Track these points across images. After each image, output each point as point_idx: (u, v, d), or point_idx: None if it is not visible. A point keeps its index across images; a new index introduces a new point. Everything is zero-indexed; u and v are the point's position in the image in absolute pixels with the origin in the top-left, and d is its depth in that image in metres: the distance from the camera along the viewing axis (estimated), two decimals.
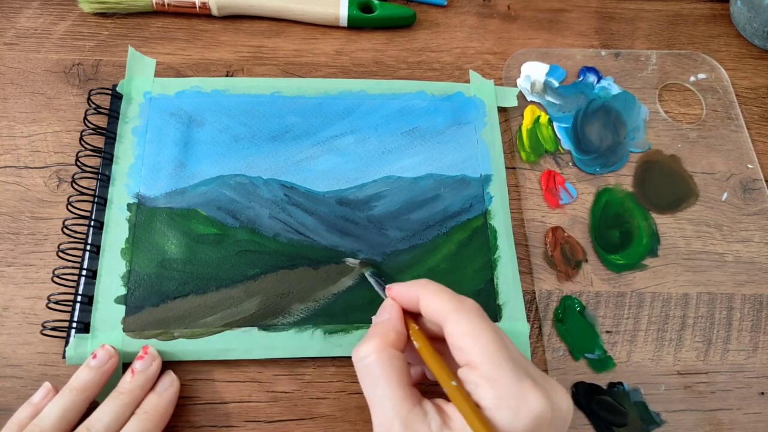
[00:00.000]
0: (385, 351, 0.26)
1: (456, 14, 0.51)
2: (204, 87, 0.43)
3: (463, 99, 0.44)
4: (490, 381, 0.24)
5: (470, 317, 0.26)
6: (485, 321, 0.26)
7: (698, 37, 0.51)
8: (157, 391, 0.33)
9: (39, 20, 0.46)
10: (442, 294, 0.27)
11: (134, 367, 0.33)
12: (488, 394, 0.24)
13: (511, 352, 0.25)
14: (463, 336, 0.25)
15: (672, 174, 0.44)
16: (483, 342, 0.25)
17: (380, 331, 0.27)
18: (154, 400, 0.32)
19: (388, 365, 0.25)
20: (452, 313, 0.26)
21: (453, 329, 0.26)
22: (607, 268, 0.40)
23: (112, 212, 0.38)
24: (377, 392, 0.25)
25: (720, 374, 0.38)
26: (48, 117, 0.42)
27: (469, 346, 0.25)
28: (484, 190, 0.41)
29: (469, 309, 0.27)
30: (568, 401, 0.26)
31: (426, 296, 0.28)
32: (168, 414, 0.32)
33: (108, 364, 0.33)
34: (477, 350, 0.25)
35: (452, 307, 0.26)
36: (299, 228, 0.39)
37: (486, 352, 0.25)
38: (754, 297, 0.40)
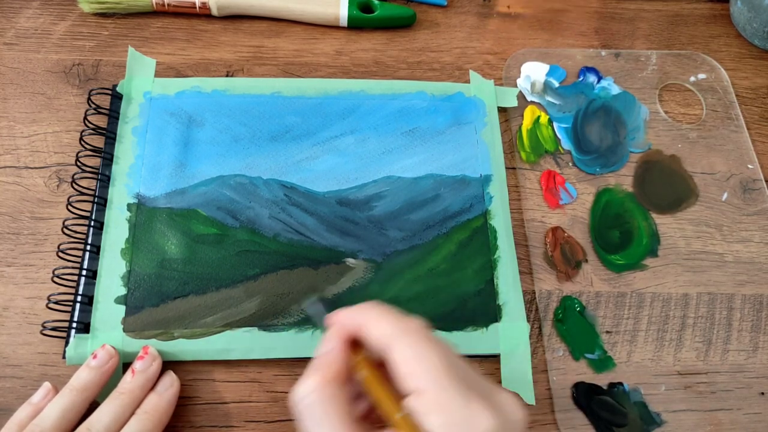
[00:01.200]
0: (326, 388, 0.24)
1: (456, 14, 0.51)
2: (204, 87, 0.43)
3: (463, 99, 0.44)
4: (438, 407, 0.23)
5: (415, 340, 0.25)
6: (431, 342, 0.25)
7: (698, 37, 0.51)
8: (157, 391, 0.33)
9: (39, 20, 0.46)
10: (387, 317, 0.26)
11: (134, 367, 0.33)
12: (437, 421, 0.23)
13: (459, 370, 0.24)
14: (408, 361, 0.24)
15: (672, 174, 0.44)
16: (427, 365, 0.24)
17: (320, 367, 0.25)
18: (155, 400, 0.32)
19: (329, 403, 0.24)
20: (395, 340, 0.25)
21: (398, 355, 0.25)
22: (607, 268, 0.40)
23: (112, 212, 0.38)
24: None
25: (720, 374, 0.38)
26: (48, 117, 0.42)
27: (413, 372, 0.24)
28: (484, 190, 0.41)
29: (414, 331, 0.25)
30: (520, 411, 0.25)
31: (369, 322, 0.26)
32: (168, 414, 0.32)
33: (108, 364, 0.33)
34: (422, 375, 0.24)
35: (397, 331, 0.25)
36: (299, 228, 0.39)
37: (430, 375, 0.24)
38: (754, 297, 0.40)
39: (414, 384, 0.24)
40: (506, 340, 0.37)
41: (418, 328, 0.26)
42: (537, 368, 0.37)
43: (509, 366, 0.36)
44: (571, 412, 0.36)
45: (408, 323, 0.26)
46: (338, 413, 0.24)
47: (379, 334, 0.25)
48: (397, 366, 0.25)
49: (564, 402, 0.36)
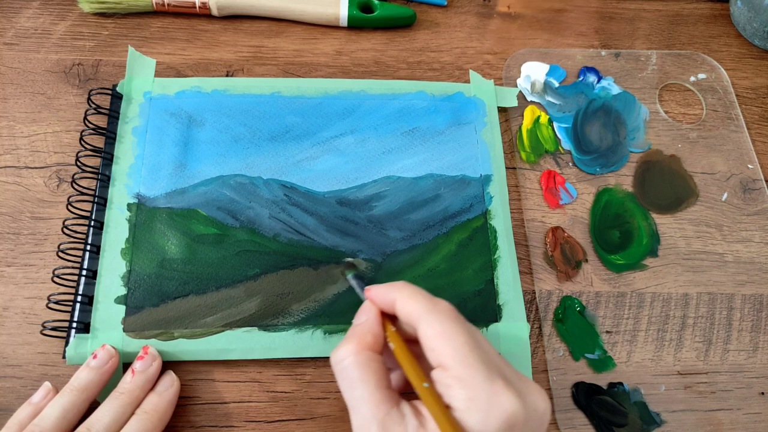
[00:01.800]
0: (362, 353, 0.26)
1: (456, 14, 0.51)
2: (204, 87, 0.43)
3: (463, 99, 0.44)
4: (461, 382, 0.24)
5: (443, 318, 0.26)
6: (458, 322, 0.26)
7: (698, 37, 0.51)
8: (157, 391, 0.33)
9: (39, 20, 0.46)
10: (417, 296, 0.27)
11: (134, 367, 0.33)
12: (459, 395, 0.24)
13: (485, 352, 0.25)
14: (435, 337, 0.26)
15: (672, 174, 0.44)
16: (455, 343, 0.25)
17: (358, 334, 0.27)
18: (155, 400, 0.32)
19: (365, 368, 0.25)
20: (425, 315, 0.26)
21: (426, 331, 0.26)
22: (607, 268, 0.40)
23: (112, 212, 0.38)
24: (355, 395, 0.25)
25: (720, 374, 0.38)
26: (48, 117, 0.42)
27: (440, 348, 0.25)
28: (484, 190, 0.41)
29: (443, 310, 0.27)
30: (545, 402, 0.26)
31: (401, 299, 0.28)
32: (168, 414, 0.32)
33: (108, 364, 0.33)
34: (449, 351, 0.25)
35: (426, 308, 0.27)
36: (299, 228, 0.39)
37: (457, 353, 0.25)
38: (754, 297, 0.40)
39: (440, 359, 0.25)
40: (506, 340, 0.37)
41: (447, 308, 0.27)
42: (537, 368, 0.37)
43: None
44: (571, 412, 0.36)
45: (437, 303, 0.27)
46: (373, 376, 0.25)
47: (410, 310, 0.27)
48: (425, 341, 0.26)
49: (564, 402, 0.36)
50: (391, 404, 0.25)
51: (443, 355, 0.25)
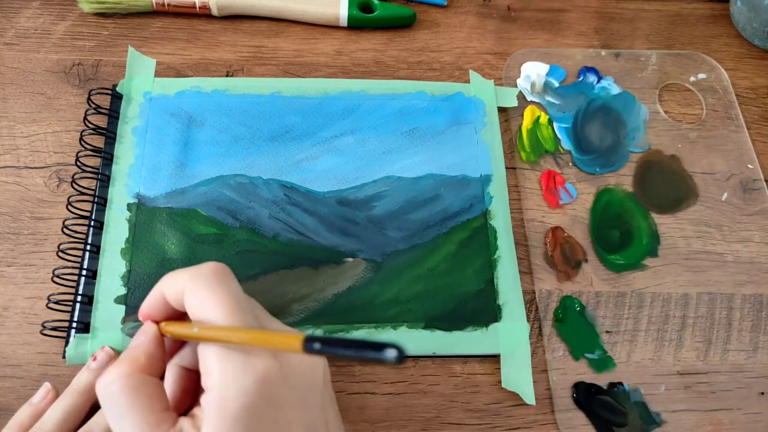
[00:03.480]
0: (132, 376, 0.23)
1: (456, 14, 0.51)
2: (204, 87, 0.43)
3: (463, 99, 0.45)
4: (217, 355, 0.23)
5: (203, 284, 0.24)
6: (219, 285, 0.24)
7: (698, 37, 0.51)
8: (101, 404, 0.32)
9: (39, 20, 0.46)
10: (177, 274, 0.26)
11: None
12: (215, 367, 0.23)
13: (244, 313, 0.24)
14: (197, 307, 0.24)
15: (672, 174, 0.44)
16: (215, 311, 0.23)
17: (128, 356, 0.25)
18: None
19: (136, 392, 0.23)
20: (188, 284, 0.25)
21: (189, 302, 0.24)
22: (607, 268, 0.40)
23: (112, 212, 0.38)
24: (125, 424, 0.23)
25: (720, 374, 0.38)
26: (48, 117, 0.42)
27: (200, 318, 0.24)
28: (484, 190, 0.41)
29: (203, 275, 0.25)
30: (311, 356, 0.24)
31: (165, 287, 0.26)
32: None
33: (108, 365, 0.33)
34: (208, 320, 0.24)
35: (185, 283, 0.25)
36: (299, 228, 0.39)
37: (214, 319, 0.23)
38: (754, 297, 0.40)
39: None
40: (506, 340, 0.37)
41: (208, 273, 0.25)
42: (537, 368, 0.37)
43: (509, 366, 0.36)
44: (571, 412, 0.36)
45: (199, 270, 0.25)
46: (146, 401, 0.23)
47: (174, 291, 0.25)
48: (191, 314, 0.24)
49: (564, 402, 0.36)
50: (167, 426, 0.23)
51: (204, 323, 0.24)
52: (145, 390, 0.24)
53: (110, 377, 0.24)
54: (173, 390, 0.27)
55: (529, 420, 0.36)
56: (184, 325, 0.25)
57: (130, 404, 0.23)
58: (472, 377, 0.37)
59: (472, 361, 0.37)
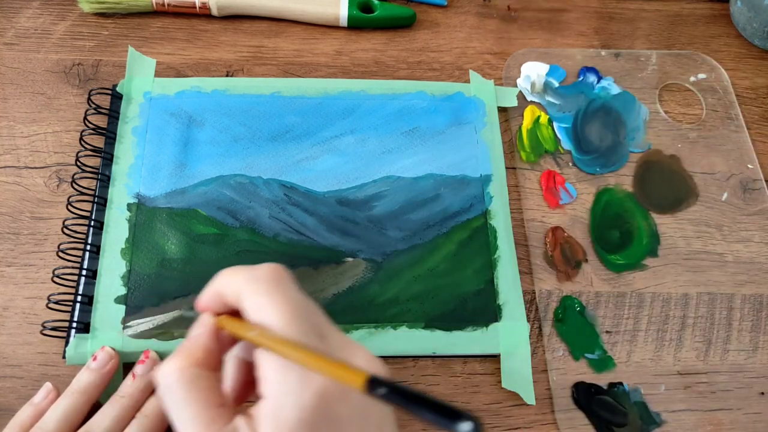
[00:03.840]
0: (188, 370, 0.23)
1: (456, 14, 0.51)
2: (204, 87, 0.43)
3: (463, 99, 0.44)
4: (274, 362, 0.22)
5: (260, 289, 0.24)
6: (278, 289, 0.24)
7: (698, 37, 0.51)
8: (158, 395, 0.33)
9: (39, 20, 0.46)
10: (234, 273, 0.25)
11: (135, 371, 0.33)
12: (272, 378, 0.22)
13: (306, 321, 0.23)
14: (254, 312, 0.23)
15: (672, 174, 0.44)
16: (272, 318, 0.23)
17: (185, 349, 0.24)
18: (155, 403, 0.32)
19: (191, 386, 0.23)
20: (243, 291, 0.24)
21: (246, 305, 0.24)
22: (607, 268, 0.40)
23: (112, 212, 0.38)
24: (181, 416, 0.23)
25: (720, 374, 0.38)
26: (48, 117, 0.42)
27: (257, 322, 0.23)
28: (484, 190, 0.41)
29: (260, 278, 0.24)
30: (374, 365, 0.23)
31: (222, 286, 0.25)
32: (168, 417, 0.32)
33: (108, 365, 0.33)
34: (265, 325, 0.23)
35: (243, 283, 0.24)
36: (299, 228, 0.39)
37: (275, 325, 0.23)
38: (754, 297, 0.40)
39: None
40: (506, 339, 0.37)
41: (266, 276, 0.24)
42: (537, 368, 0.37)
43: (509, 366, 0.36)
44: (571, 412, 0.36)
45: (256, 272, 0.24)
46: (201, 394, 0.23)
47: (231, 291, 0.25)
48: (248, 317, 0.24)
49: (564, 402, 0.36)
50: (223, 422, 0.22)
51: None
52: (201, 384, 0.23)
53: (167, 369, 0.23)
54: (233, 382, 0.27)
55: (529, 420, 0.36)
56: (243, 325, 0.24)
57: (185, 398, 0.23)
58: (472, 377, 0.37)
59: (472, 361, 0.37)
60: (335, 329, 0.25)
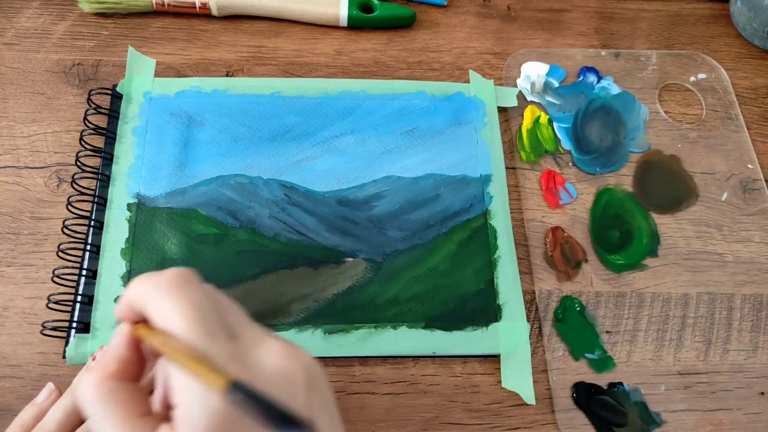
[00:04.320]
0: (104, 383, 0.23)
1: (456, 14, 0.51)
2: (204, 87, 0.43)
3: (463, 99, 0.45)
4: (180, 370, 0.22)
5: (164, 293, 0.23)
6: (180, 292, 0.23)
7: (698, 37, 0.51)
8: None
9: (39, 20, 0.46)
10: (139, 281, 0.24)
11: None
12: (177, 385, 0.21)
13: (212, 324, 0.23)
14: (159, 318, 0.23)
15: (672, 174, 0.44)
16: (175, 323, 0.22)
17: (99, 363, 0.24)
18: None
19: (108, 398, 0.22)
20: (147, 300, 0.23)
21: (150, 311, 0.23)
22: (607, 268, 0.40)
23: (112, 212, 0.38)
24: (102, 430, 0.22)
25: (720, 374, 0.38)
26: (48, 117, 0.42)
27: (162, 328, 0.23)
28: (484, 190, 0.41)
29: (163, 283, 0.23)
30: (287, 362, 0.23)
31: (129, 290, 0.24)
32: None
33: None
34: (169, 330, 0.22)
35: (147, 291, 0.23)
36: (299, 228, 0.39)
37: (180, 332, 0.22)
38: (754, 297, 0.40)
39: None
40: (506, 339, 0.37)
41: (169, 281, 0.23)
42: (537, 368, 0.37)
43: (509, 366, 0.36)
44: (571, 412, 0.36)
45: (159, 278, 0.24)
46: (119, 407, 0.22)
47: (138, 298, 0.24)
48: (154, 323, 0.23)
49: (564, 402, 0.36)
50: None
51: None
52: (119, 396, 0.23)
53: (84, 385, 0.23)
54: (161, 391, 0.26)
55: (529, 420, 0.36)
56: (152, 332, 0.23)
57: (104, 412, 0.22)
58: (472, 377, 0.37)
59: (472, 361, 0.37)
60: (252, 326, 0.24)
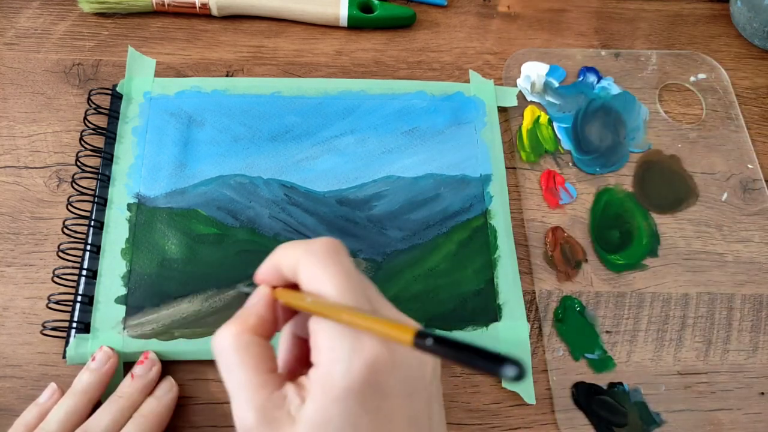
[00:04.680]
0: (242, 335, 0.24)
1: (456, 14, 0.51)
2: (204, 87, 0.43)
3: (463, 99, 0.45)
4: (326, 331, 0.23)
5: (317, 260, 0.24)
6: (333, 261, 0.24)
7: (698, 37, 0.51)
8: (155, 395, 0.33)
9: (39, 20, 0.46)
10: (292, 247, 0.25)
11: (134, 371, 0.33)
12: (324, 344, 0.22)
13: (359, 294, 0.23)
14: (310, 282, 0.24)
15: (672, 174, 0.44)
16: (327, 288, 0.23)
17: (240, 316, 0.25)
18: (153, 404, 0.32)
19: (244, 351, 0.24)
20: (301, 260, 0.24)
21: (302, 276, 0.24)
22: (607, 268, 0.40)
23: (112, 212, 0.38)
24: (233, 380, 0.23)
25: (720, 374, 0.38)
26: (48, 117, 0.42)
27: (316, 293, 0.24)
28: (484, 189, 0.41)
29: (316, 251, 0.24)
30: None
31: (279, 259, 0.26)
32: (166, 419, 0.32)
33: (107, 365, 0.33)
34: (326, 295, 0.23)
35: (299, 256, 0.24)
36: (299, 228, 0.39)
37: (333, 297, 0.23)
38: (754, 297, 0.40)
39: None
40: (506, 340, 0.37)
41: (321, 249, 0.25)
42: (537, 368, 0.37)
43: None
44: (571, 412, 0.36)
45: (312, 245, 0.25)
46: (252, 360, 0.23)
47: (288, 264, 0.25)
48: (304, 287, 0.24)
49: (564, 402, 0.36)
50: (273, 388, 0.23)
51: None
52: (253, 350, 0.24)
53: (221, 334, 0.24)
54: (286, 356, 0.27)
55: (529, 420, 0.36)
56: (298, 295, 0.25)
57: (238, 362, 0.23)
58: (472, 377, 0.37)
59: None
60: (386, 302, 0.25)
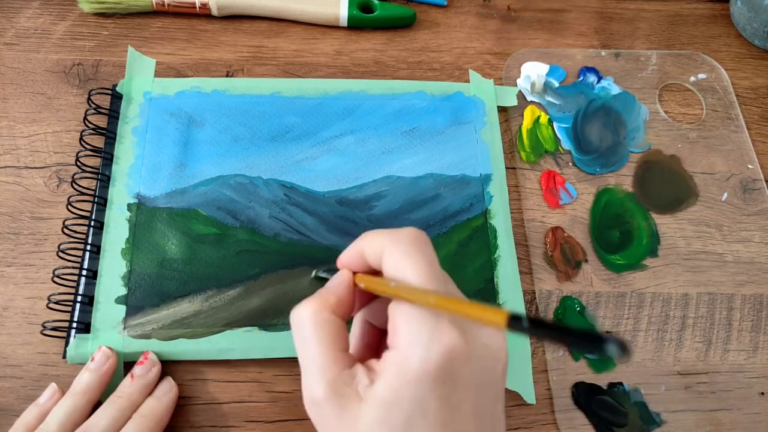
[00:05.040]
0: (320, 313, 0.25)
1: (456, 14, 0.51)
2: (204, 87, 0.43)
3: (463, 99, 0.45)
4: (406, 315, 0.23)
5: (401, 249, 0.25)
6: (419, 251, 0.25)
7: (698, 37, 0.51)
8: (155, 395, 0.33)
9: (39, 20, 0.46)
10: (378, 234, 0.26)
11: (134, 372, 0.33)
12: (403, 329, 0.23)
13: (441, 284, 0.24)
14: (394, 269, 0.24)
15: (672, 174, 0.44)
16: (411, 276, 0.24)
17: (320, 294, 0.26)
18: (152, 404, 0.32)
19: (321, 327, 0.25)
20: (387, 248, 0.25)
21: (387, 263, 0.25)
22: (607, 268, 0.40)
23: (112, 212, 0.38)
24: (307, 354, 0.24)
25: (720, 374, 0.38)
26: (48, 117, 0.42)
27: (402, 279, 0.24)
28: (484, 189, 0.41)
29: (403, 240, 0.25)
30: (498, 340, 0.25)
31: (365, 245, 0.26)
32: (165, 419, 0.33)
33: (106, 365, 0.33)
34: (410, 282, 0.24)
35: (385, 243, 0.25)
36: (299, 228, 0.39)
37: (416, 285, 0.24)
38: (754, 297, 0.40)
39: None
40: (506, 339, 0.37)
41: (407, 238, 0.25)
42: (537, 368, 0.37)
43: (509, 366, 0.36)
44: (571, 412, 0.36)
45: (398, 234, 0.26)
46: (327, 337, 0.24)
47: (374, 250, 0.26)
48: (386, 274, 0.25)
49: (564, 402, 0.36)
50: (344, 366, 0.24)
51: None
52: (329, 328, 0.25)
53: (302, 308, 0.25)
54: (357, 341, 0.28)
55: (529, 420, 0.36)
56: (380, 280, 0.25)
57: (314, 337, 0.24)
58: None
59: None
60: (461, 295, 0.26)
